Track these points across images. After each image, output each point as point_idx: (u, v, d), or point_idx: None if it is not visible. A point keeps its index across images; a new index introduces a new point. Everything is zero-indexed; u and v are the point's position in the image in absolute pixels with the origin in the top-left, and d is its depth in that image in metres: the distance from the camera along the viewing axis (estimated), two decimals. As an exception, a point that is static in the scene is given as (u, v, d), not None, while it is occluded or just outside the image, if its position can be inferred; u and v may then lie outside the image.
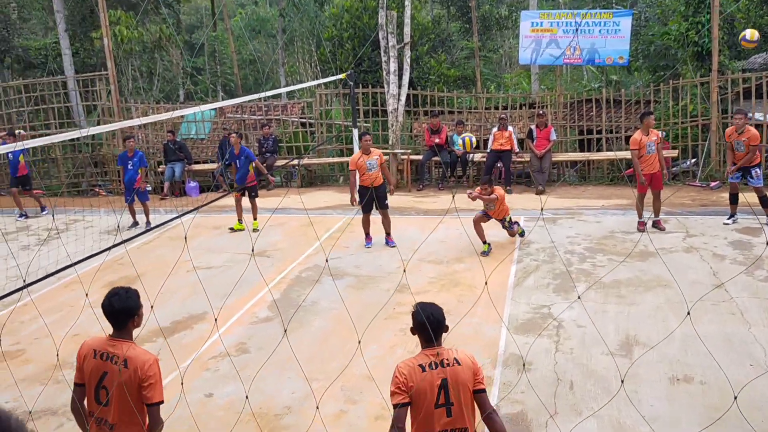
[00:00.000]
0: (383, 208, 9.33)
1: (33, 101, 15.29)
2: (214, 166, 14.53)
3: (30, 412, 5.20)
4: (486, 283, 4.50)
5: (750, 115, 11.19)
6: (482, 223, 8.86)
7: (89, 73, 16.05)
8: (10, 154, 11.93)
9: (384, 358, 6.05)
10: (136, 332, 3.52)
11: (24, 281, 4.56)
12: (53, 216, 12.17)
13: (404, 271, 8.19)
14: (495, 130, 12.70)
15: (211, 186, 14.73)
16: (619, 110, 13.48)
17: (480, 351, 5.98)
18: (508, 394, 5.26)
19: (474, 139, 12.90)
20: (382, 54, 14.13)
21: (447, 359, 3.36)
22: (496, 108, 14.63)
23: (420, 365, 3.35)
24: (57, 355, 4.51)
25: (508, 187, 12.27)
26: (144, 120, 7.80)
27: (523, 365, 5.73)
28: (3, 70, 17.87)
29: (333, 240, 9.92)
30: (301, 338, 6.59)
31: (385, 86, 14.18)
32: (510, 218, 9.06)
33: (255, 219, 10.72)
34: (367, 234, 9.60)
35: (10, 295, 5.41)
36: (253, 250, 9.76)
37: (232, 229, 10.74)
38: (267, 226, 10.90)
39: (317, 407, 4.42)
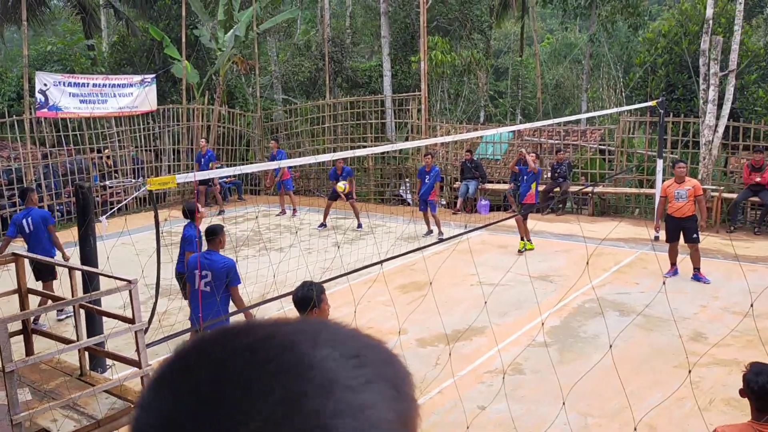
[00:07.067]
0: (690, 242, 8.83)
1: (355, 116, 17.23)
2: (506, 186, 14.80)
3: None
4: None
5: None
6: None
7: (404, 93, 17.55)
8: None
9: (669, 410, 5.55)
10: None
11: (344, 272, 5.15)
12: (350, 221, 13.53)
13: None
14: None
15: (501, 206, 15.03)
16: None
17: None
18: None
19: None
20: (701, 82, 12.99)
21: None
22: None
23: None
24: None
25: None
26: (447, 138, 8.32)
27: None
28: (335, 88, 20.45)
29: (622, 274, 9.40)
30: (579, 370, 6.35)
31: (701, 116, 13.02)
32: None
33: (522, 239, 10.76)
34: (673, 264, 9.15)
35: (326, 282, 6.15)
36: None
37: (520, 251, 10.83)
38: (552, 251, 10.75)
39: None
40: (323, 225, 13.22)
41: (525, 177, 10.71)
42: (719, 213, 12.30)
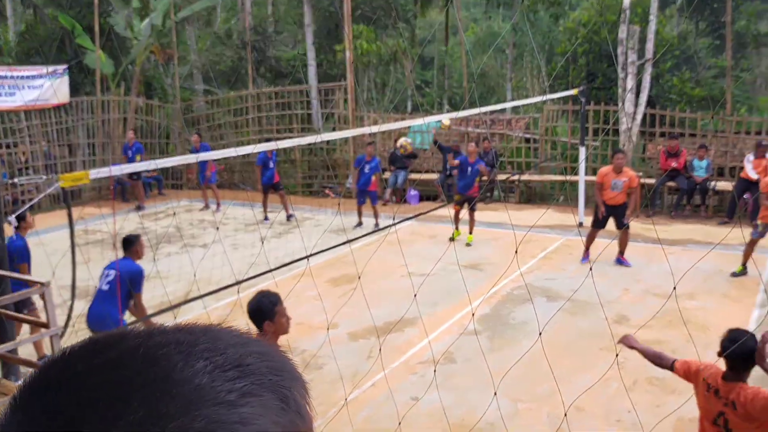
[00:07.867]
0: (621, 227, 9.07)
1: (280, 107, 16.89)
2: (435, 176, 14.85)
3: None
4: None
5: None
6: None
7: (330, 83, 17.33)
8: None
9: (597, 390, 5.65)
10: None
11: (270, 268, 4.97)
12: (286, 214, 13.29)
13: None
14: (751, 157, 11.37)
15: (431, 195, 15.08)
16: None
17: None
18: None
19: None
20: (620, 70, 13.40)
21: (733, 399, 3.28)
22: (747, 133, 13.10)
23: (709, 384, 3.42)
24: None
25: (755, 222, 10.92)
26: (375, 128, 8.23)
27: None
28: (258, 78, 19.99)
29: (549, 260, 9.58)
30: (509, 357, 6.41)
31: (620, 104, 13.42)
32: None
33: (470, 233, 10.71)
34: (587, 249, 9.33)
35: (250, 280, 5.94)
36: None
37: (452, 239, 10.84)
38: (481, 239, 10.84)
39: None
40: (266, 218, 12.95)
41: (469, 168, 10.66)
42: (639, 198, 12.73)
